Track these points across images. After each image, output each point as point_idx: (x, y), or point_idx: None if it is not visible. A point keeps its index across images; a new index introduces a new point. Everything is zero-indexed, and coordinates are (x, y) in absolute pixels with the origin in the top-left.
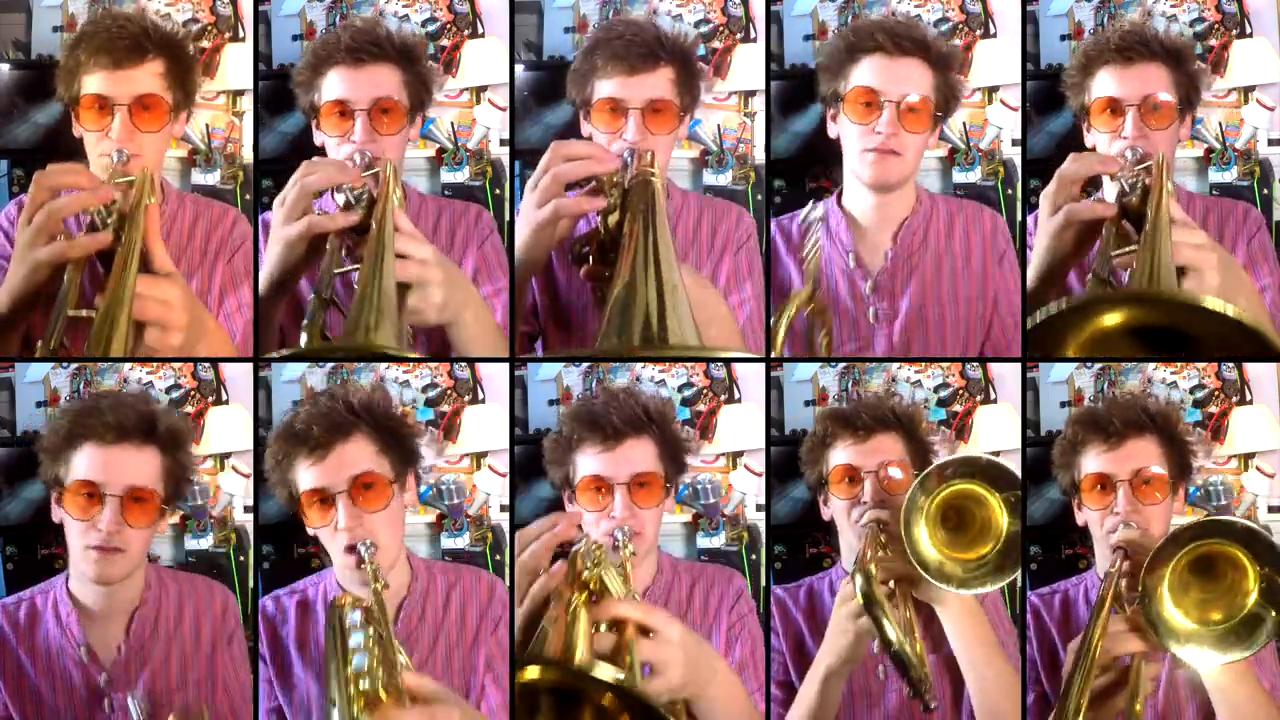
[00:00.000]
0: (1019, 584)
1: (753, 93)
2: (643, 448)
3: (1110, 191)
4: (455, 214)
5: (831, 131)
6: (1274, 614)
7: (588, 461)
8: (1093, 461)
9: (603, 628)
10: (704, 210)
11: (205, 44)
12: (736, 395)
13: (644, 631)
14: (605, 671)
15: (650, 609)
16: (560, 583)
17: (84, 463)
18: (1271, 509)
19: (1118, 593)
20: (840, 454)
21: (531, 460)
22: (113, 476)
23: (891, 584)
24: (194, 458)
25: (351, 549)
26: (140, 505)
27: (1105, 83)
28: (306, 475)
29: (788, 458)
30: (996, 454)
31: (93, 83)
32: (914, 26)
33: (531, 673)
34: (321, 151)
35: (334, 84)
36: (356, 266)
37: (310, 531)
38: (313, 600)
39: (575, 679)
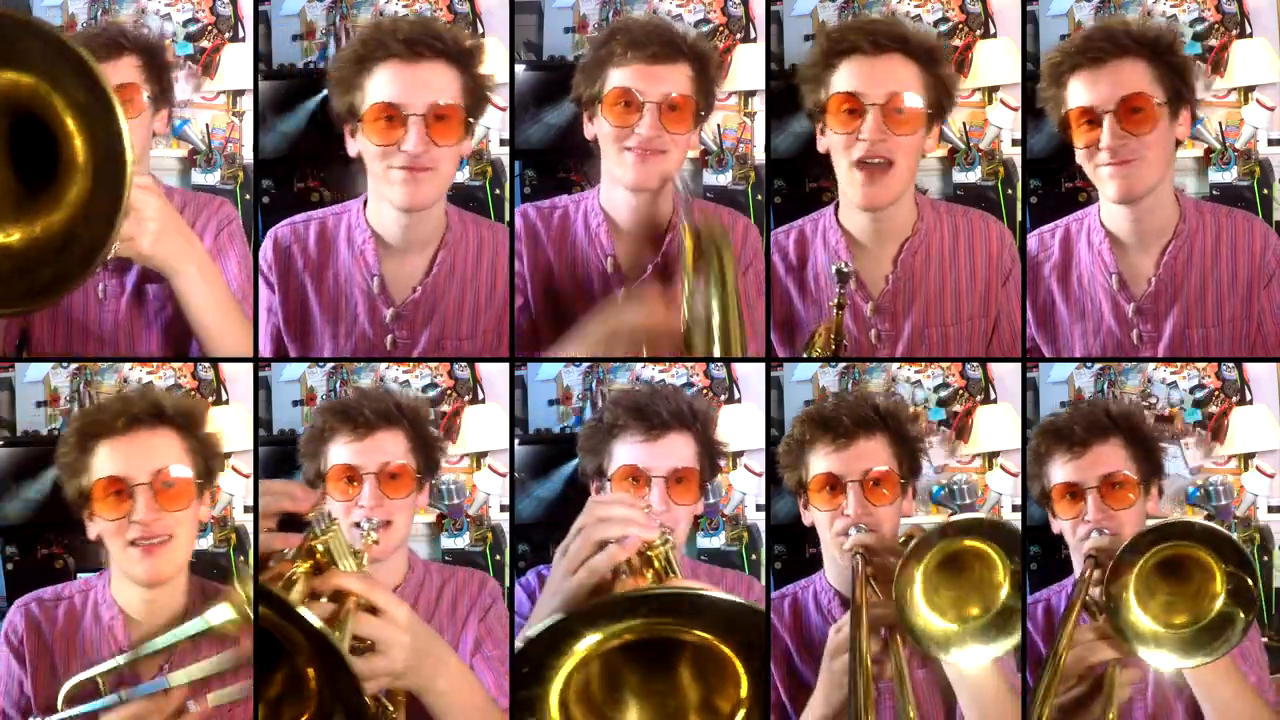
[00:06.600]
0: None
1: (753, 93)
2: (684, 443)
3: None
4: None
5: (821, 145)
6: (1243, 614)
7: (627, 450)
8: (1059, 471)
9: None
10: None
11: (205, 44)
12: (736, 395)
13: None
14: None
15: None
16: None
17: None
18: (1271, 509)
19: (1087, 602)
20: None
21: (534, 460)
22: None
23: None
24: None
25: None
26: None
27: (1078, 92)
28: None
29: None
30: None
31: None
32: (894, 23)
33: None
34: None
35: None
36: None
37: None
38: None
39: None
